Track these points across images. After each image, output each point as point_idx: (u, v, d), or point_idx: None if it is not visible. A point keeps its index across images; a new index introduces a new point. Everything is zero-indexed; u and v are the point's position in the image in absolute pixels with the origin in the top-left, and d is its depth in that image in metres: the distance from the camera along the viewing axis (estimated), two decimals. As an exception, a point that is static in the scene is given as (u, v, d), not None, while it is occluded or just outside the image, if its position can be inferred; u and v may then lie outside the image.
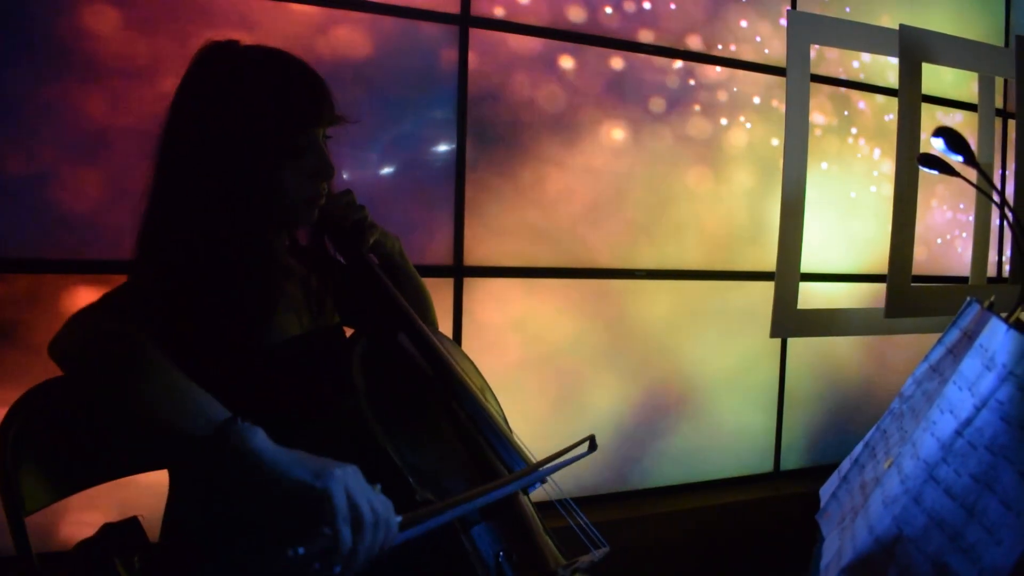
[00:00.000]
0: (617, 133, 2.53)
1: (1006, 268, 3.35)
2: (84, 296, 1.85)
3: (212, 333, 1.06)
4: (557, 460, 1.20)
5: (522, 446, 1.29)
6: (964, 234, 3.23)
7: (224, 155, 1.07)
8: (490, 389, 1.43)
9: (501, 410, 1.42)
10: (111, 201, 1.87)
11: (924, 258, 3.09)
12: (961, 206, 3.25)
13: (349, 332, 1.31)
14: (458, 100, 2.27)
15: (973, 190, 2.92)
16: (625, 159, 2.55)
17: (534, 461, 1.26)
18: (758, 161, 2.78)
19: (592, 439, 1.23)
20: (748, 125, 2.76)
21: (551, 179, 2.43)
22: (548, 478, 1.26)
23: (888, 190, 2.89)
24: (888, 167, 2.97)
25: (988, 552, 0.85)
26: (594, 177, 2.50)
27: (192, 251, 1.07)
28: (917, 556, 0.92)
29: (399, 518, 0.95)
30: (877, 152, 3.02)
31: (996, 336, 0.95)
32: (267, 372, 1.11)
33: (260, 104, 1.09)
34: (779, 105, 2.73)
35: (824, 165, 2.90)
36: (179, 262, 1.07)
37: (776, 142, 2.77)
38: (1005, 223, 3.22)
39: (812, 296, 2.86)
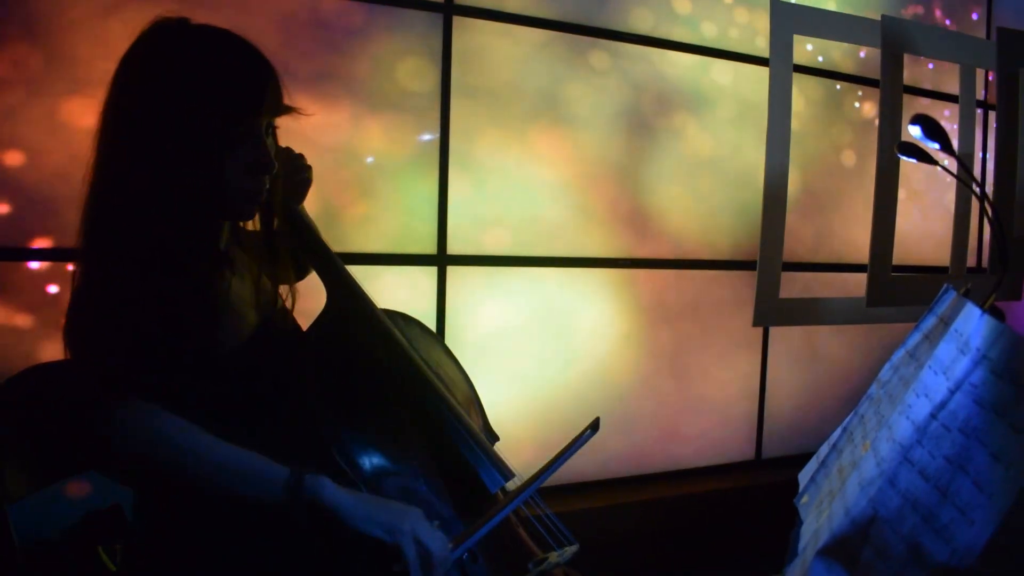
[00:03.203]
0: (603, 121, 2.54)
1: (986, 259, 3.39)
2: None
3: (161, 335, 1.01)
4: (568, 451, 1.18)
5: (495, 454, 1.28)
6: (944, 226, 3.26)
7: (159, 139, 1.02)
8: (477, 398, 1.41)
9: (486, 417, 1.40)
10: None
11: (904, 249, 3.11)
12: (944, 200, 3.28)
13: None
14: (442, 86, 2.27)
15: (955, 183, 2.95)
16: (610, 148, 2.56)
17: (509, 471, 1.26)
18: (744, 150, 2.79)
19: (596, 421, 1.22)
20: (733, 113, 2.77)
21: (535, 167, 2.44)
22: (518, 475, 1.27)
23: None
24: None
25: (961, 532, 0.86)
26: (579, 166, 2.51)
27: (128, 240, 1.01)
28: (892, 537, 0.93)
29: (452, 546, 1.06)
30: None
31: (971, 321, 0.97)
32: (219, 383, 1.07)
33: (199, 88, 1.03)
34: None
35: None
36: (117, 252, 1.02)
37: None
38: (983, 214, 3.25)
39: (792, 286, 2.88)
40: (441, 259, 2.32)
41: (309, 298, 1.32)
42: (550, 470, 1.16)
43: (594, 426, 1.19)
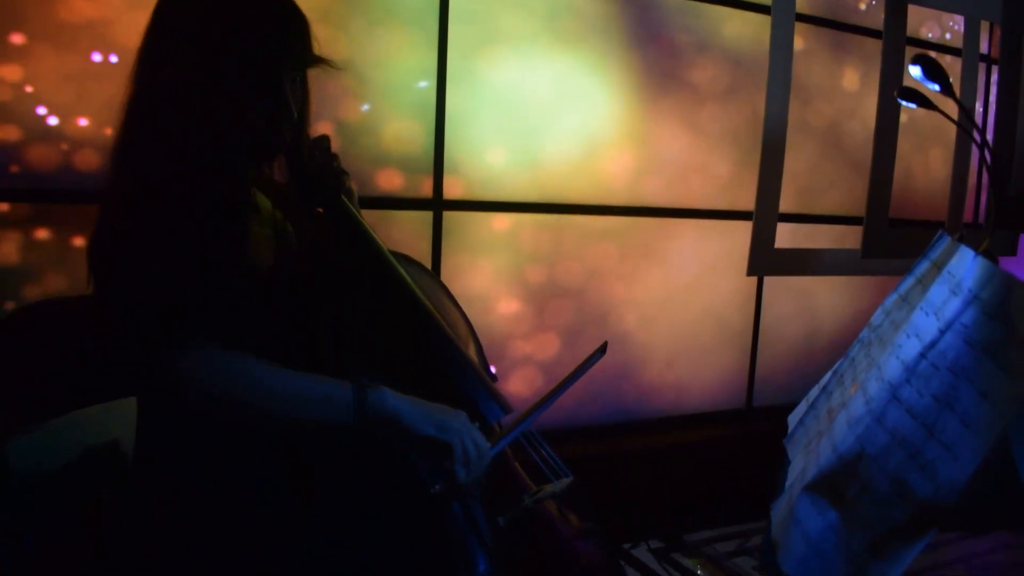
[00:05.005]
0: (601, 66, 2.51)
1: (983, 216, 3.39)
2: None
3: (208, 273, 1.05)
4: (579, 372, 1.31)
5: (495, 388, 1.30)
6: (941, 182, 3.25)
7: (188, 80, 1.05)
8: (474, 333, 1.43)
9: (484, 356, 1.42)
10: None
11: (899, 206, 3.11)
12: (944, 158, 3.27)
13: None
14: (440, 31, 2.24)
15: (953, 139, 2.93)
16: (608, 93, 2.54)
17: (509, 404, 1.29)
18: (744, 99, 2.77)
19: (604, 345, 1.35)
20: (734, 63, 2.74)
21: (532, 113, 2.42)
22: (517, 410, 1.31)
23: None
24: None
25: (945, 468, 0.88)
26: (579, 112, 2.49)
27: (155, 181, 1.04)
28: (877, 473, 0.95)
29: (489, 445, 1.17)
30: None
31: (964, 263, 0.98)
32: (243, 308, 1.09)
33: (230, 32, 1.06)
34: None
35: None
36: (143, 192, 1.04)
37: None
38: (983, 169, 3.25)
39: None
40: (437, 204, 2.31)
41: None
42: (563, 388, 1.29)
43: (602, 349, 1.31)
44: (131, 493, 1.19)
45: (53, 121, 1.81)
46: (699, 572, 1.49)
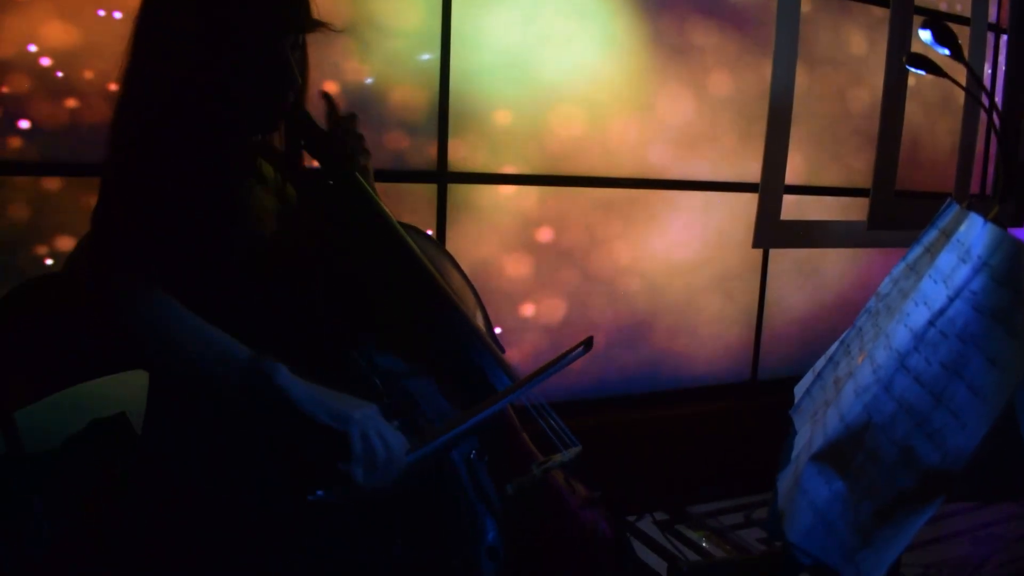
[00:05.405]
0: (604, 40, 2.49)
1: (990, 187, 3.37)
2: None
3: (186, 236, 1.05)
4: (559, 363, 1.19)
5: (503, 358, 1.31)
6: (947, 149, 3.22)
7: (185, 47, 1.05)
8: (482, 305, 1.43)
9: (490, 325, 1.43)
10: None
11: (906, 173, 3.09)
12: (952, 129, 3.24)
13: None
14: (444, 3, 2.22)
15: (960, 108, 2.91)
16: (611, 67, 2.51)
17: (516, 374, 1.28)
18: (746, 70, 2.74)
19: (589, 340, 1.22)
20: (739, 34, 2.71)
21: (537, 86, 2.40)
22: None
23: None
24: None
25: (953, 436, 0.88)
26: (583, 83, 2.46)
27: (154, 146, 1.05)
28: (884, 442, 0.95)
29: (408, 448, 1.04)
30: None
31: (973, 230, 0.97)
32: (232, 282, 1.10)
33: (230, 3, 1.06)
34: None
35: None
36: (142, 158, 1.05)
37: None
38: (990, 140, 3.22)
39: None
40: (442, 175, 2.30)
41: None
42: (532, 382, 1.17)
43: (586, 344, 1.19)
44: (132, 492, 1.20)
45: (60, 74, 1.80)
46: (704, 544, 1.50)
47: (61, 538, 1.28)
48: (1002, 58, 3.17)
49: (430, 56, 2.23)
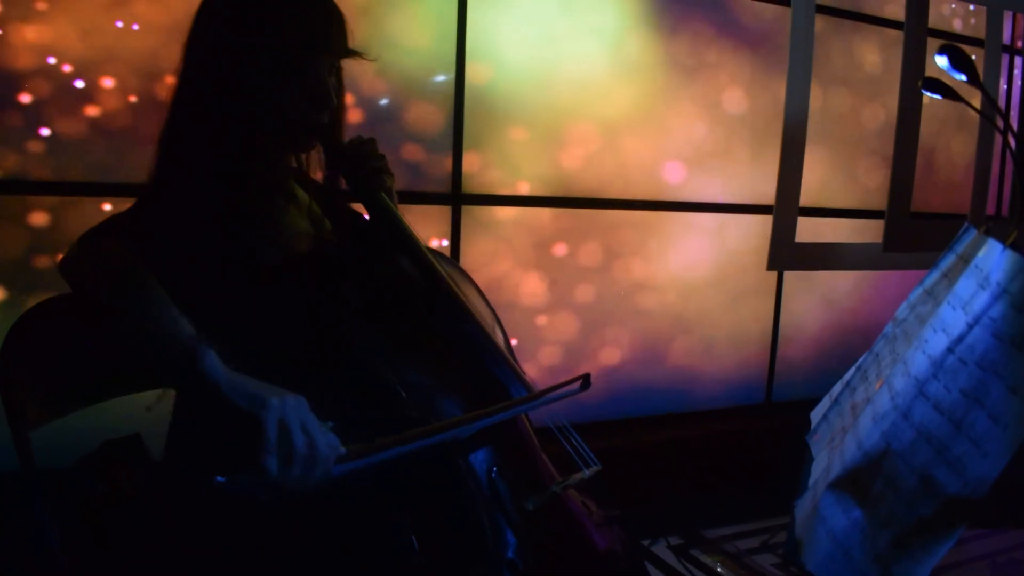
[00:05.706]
0: (616, 61, 2.50)
1: (1006, 208, 3.34)
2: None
3: (214, 251, 1.08)
4: (547, 395, 1.16)
5: (523, 375, 1.31)
6: (961, 169, 3.20)
7: (231, 69, 1.10)
8: (500, 323, 1.45)
9: (508, 343, 1.43)
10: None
11: (919, 194, 3.07)
12: (966, 153, 3.22)
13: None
14: (459, 24, 2.23)
15: (976, 131, 2.89)
16: (625, 85, 2.52)
17: (527, 379, 1.29)
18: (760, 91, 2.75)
19: (586, 378, 1.18)
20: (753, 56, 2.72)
21: (553, 108, 2.41)
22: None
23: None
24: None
25: (974, 464, 0.87)
26: (598, 101, 2.47)
27: (191, 164, 1.09)
28: (904, 469, 0.94)
29: (343, 451, 0.94)
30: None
31: (992, 256, 0.96)
32: (266, 292, 1.12)
33: (271, 22, 1.12)
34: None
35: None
36: (179, 174, 1.09)
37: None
38: (1005, 160, 3.20)
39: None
40: (456, 198, 2.30)
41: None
42: (507, 412, 1.13)
43: (584, 383, 1.16)
44: (148, 510, 1.20)
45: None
46: (719, 569, 1.48)
47: (72, 555, 1.28)
48: (1017, 78, 3.16)
49: (445, 77, 2.25)
